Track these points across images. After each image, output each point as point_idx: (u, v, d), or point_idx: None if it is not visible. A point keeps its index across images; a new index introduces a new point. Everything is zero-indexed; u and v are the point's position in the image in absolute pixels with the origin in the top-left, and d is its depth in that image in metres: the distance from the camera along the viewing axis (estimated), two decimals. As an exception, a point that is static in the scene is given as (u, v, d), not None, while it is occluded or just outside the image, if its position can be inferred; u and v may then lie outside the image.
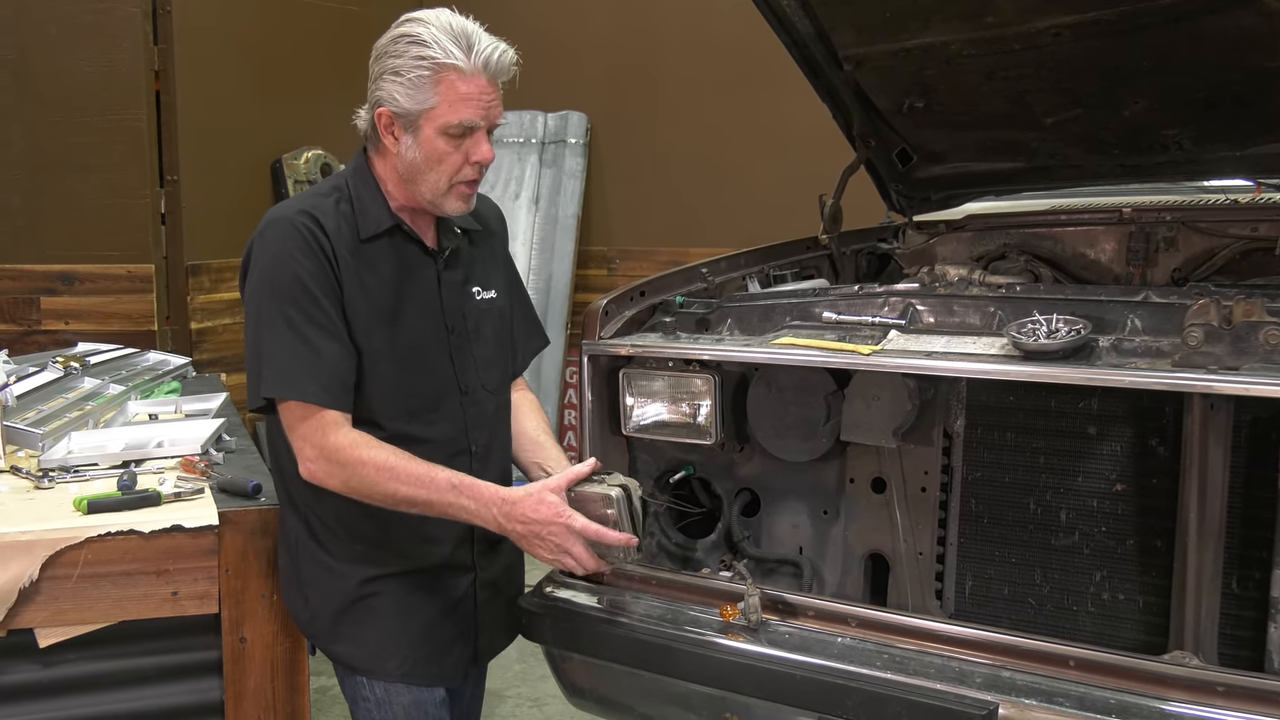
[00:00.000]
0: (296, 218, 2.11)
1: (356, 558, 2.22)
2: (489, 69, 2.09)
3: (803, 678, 2.11)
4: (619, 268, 6.15)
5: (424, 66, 2.06)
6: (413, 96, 2.08)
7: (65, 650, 2.25)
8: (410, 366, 2.20)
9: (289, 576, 2.30)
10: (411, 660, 2.23)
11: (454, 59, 2.06)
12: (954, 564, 2.28)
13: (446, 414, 2.25)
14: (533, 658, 4.09)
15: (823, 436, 2.32)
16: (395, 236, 2.20)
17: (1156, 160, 2.85)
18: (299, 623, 2.32)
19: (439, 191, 2.15)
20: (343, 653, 2.26)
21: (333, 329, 2.10)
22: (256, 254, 2.15)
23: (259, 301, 2.12)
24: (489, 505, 2.09)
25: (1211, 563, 1.98)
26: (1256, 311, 1.90)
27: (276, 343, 2.09)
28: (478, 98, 2.09)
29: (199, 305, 5.10)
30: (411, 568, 2.24)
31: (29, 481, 2.52)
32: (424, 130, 2.11)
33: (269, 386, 2.11)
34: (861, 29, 2.73)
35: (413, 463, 2.10)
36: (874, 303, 2.40)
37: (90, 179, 4.89)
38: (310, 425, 2.10)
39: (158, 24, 4.94)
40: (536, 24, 5.95)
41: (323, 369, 2.09)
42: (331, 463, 2.09)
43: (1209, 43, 2.42)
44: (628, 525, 2.13)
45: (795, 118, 4.61)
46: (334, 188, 2.21)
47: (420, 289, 2.22)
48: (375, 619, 2.23)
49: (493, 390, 2.34)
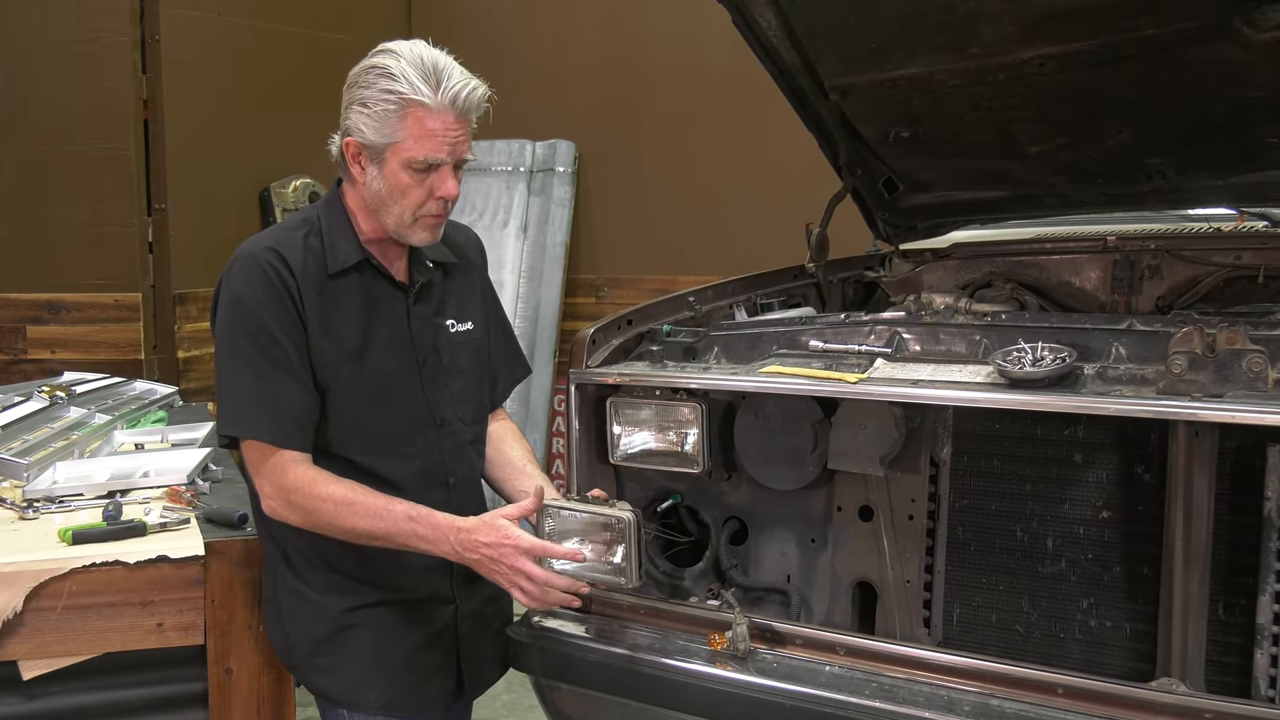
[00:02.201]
0: (262, 255, 2.12)
1: (334, 588, 2.21)
2: (456, 105, 2.09)
3: (791, 706, 2.10)
4: (607, 296, 6.15)
5: (390, 101, 2.07)
6: (378, 130, 2.09)
7: (49, 682, 2.23)
8: (380, 402, 2.20)
9: (270, 607, 2.29)
10: (391, 692, 2.22)
11: (421, 95, 2.06)
12: (941, 592, 2.28)
13: (422, 448, 2.25)
14: (521, 688, 4.05)
15: (810, 465, 2.32)
16: (364, 271, 2.21)
17: (1140, 189, 2.87)
18: (279, 653, 2.31)
19: (403, 223, 2.16)
20: (322, 684, 2.25)
21: (291, 368, 2.11)
22: (224, 290, 2.16)
23: (222, 338, 2.15)
24: (445, 535, 2.09)
25: (1198, 589, 1.98)
26: (1240, 339, 1.91)
27: (235, 381, 2.13)
28: (443, 134, 2.09)
29: (186, 334, 5.09)
30: (390, 599, 2.23)
31: (13, 512, 2.51)
32: (389, 163, 2.11)
33: (226, 424, 2.15)
34: (847, 59, 2.75)
35: (370, 496, 2.10)
36: (860, 331, 2.41)
37: (78, 207, 4.89)
38: (269, 464, 2.12)
39: (146, 53, 4.95)
40: (525, 53, 5.98)
41: (280, 408, 2.10)
42: (289, 502, 2.12)
43: (1191, 73, 2.44)
44: (633, 551, 2.13)
45: (782, 147, 4.62)
46: (304, 220, 2.22)
47: (389, 323, 2.22)
48: (354, 650, 2.22)
49: (469, 422, 2.34)
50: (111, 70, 4.89)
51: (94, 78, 4.87)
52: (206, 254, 5.09)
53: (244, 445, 2.15)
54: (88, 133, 4.88)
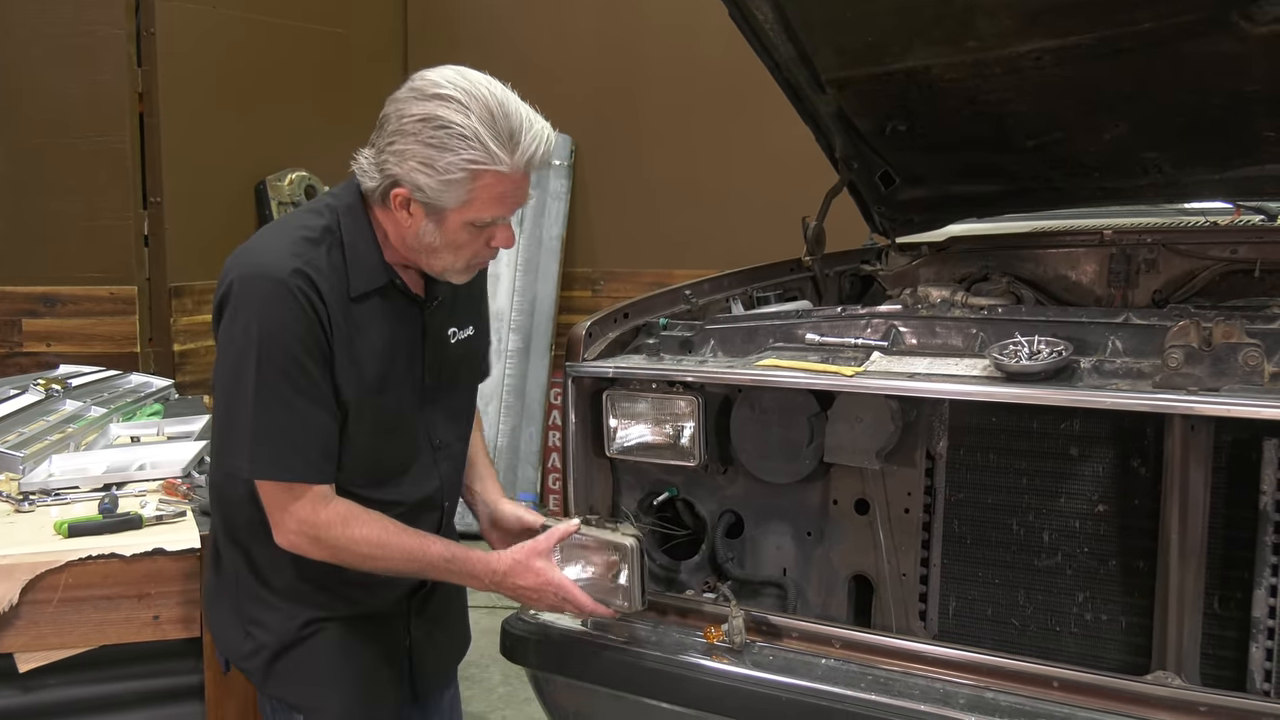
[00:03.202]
0: (291, 280, 1.92)
1: (299, 598, 2.11)
2: (530, 165, 1.95)
3: (787, 699, 2.11)
4: (603, 289, 6.15)
5: (463, 168, 1.90)
6: (443, 194, 1.92)
7: (45, 675, 2.24)
8: (390, 434, 2.10)
9: (228, 611, 2.17)
10: (352, 699, 2.14)
11: (498, 164, 1.90)
12: (937, 585, 2.29)
13: (419, 474, 2.17)
14: (517, 680, 4.07)
15: (806, 458, 2.32)
16: (387, 294, 2.07)
17: (1137, 183, 2.88)
18: (235, 657, 2.18)
19: (450, 270, 2.04)
20: (282, 693, 2.15)
21: (321, 398, 1.98)
22: (242, 311, 1.95)
23: (241, 364, 1.95)
24: (481, 579, 2.10)
25: (1193, 583, 1.99)
26: (1236, 333, 1.92)
27: (265, 418, 1.95)
28: (513, 194, 1.96)
29: (182, 327, 5.08)
30: (356, 613, 2.16)
31: (9, 505, 2.50)
32: (449, 220, 1.96)
33: (260, 469, 1.98)
34: (844, 52, 2.75)
35: (403, 536, 2.03)
36: (857, 324, 2.41)
37: (73, 201, 4.88)
38: (298, 502, 1.98)
39: (141, 46, 4.94)
40: (521, 47, 5.98)
41: (310, 443, 1.97)
42: (317, 539, 2.00)
43: (1188, 67, 2.44)
44: (636, 576, 2.16)
45: (778, 141, 4.62)
46: (325, 230, 2.01)
47: (406, 347, 2.11)
48: (316, 660, 2.12)
49: (464, 439, 2.29)
50: (106, 63, 4.87)
51: (89, 70, 4.85)
52: (202, 247, 5.10)
53: (264, 484, 2.01)
54: (82, 126, 4.86)
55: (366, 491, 2.08)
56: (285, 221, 2.10)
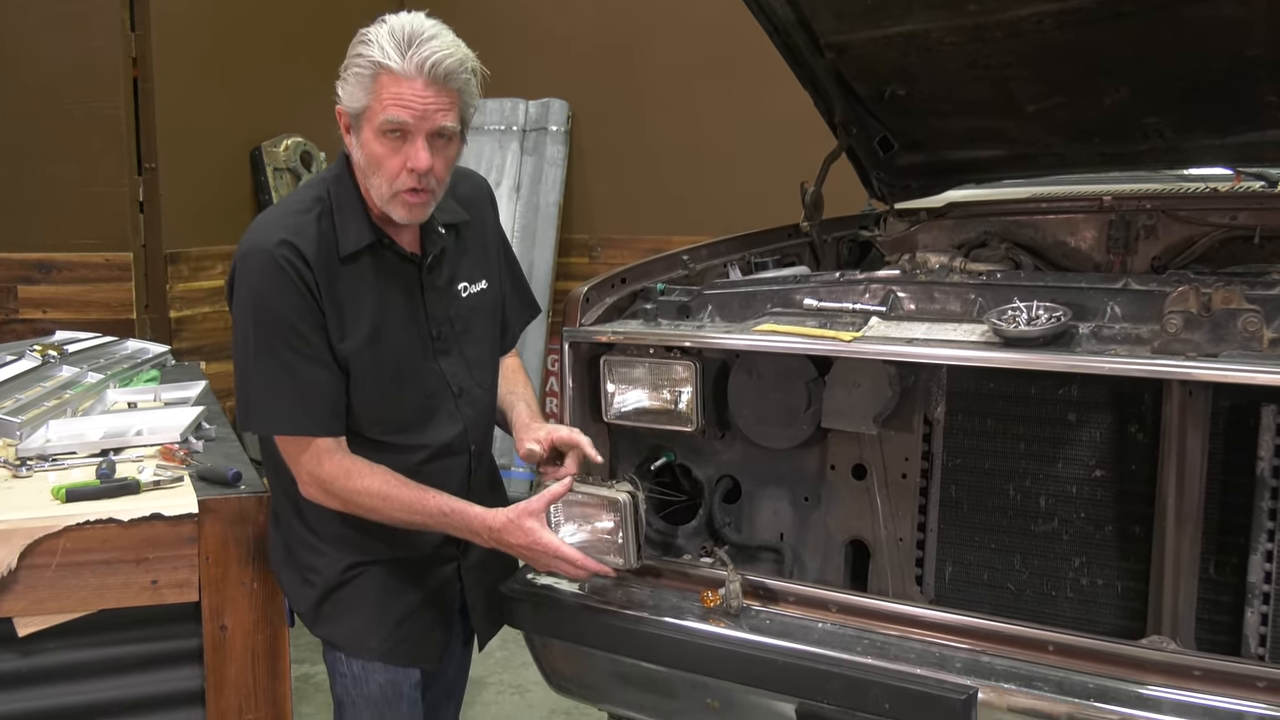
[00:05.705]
0: (277, 250, 2.07)
1: (343, 543, 2.24)
2: (424, 71, 2.02)
3: (784, 663, 2.12)
4: (600, 255, 6.14)
5: (362, 65, 2.04)
6: (353, 95, 2.07)
7: (44, 639, 2.24)
8: (397, 383, 2.20)
9: (282, 557, 2.31)
10: (392, 641, 2.26)
11: (389, 60, 2.02)
12: (934, 550, 2.29)
13: (442, 420, 2.26)
14: (514, 644, 4.05)
15: (804, 423, 2.32)
16: (376, 251, 2.18)
17: (1137, 148, 2.86)
18: (292, 600, 2.34)
19: (384, 198, 2.12)
20: (326, 633, 2.29)
21: (319, 357, 2.12)
22: (240, 283, 2.13)
23: (245, 332, 2.13)
24: (478, 533, 2.18)
25: (1189, 548, 1.99)
26: (1235, 299, 1.91)
27: (265, 378, 2.12)
28: (410, 98, 2.03)
29: (178, 293, 5.07)
30: (397, 555, 2.26)
31: (7, 470, 2.50)
32: (364, 131, 2.09)
33: (259, 422, 2.17)
34: (843, 16, 2.73)
35: (403, 489, 2.15)
36: (855, 290, 2.41)
37: (68, 167, 4.86)
38: (306, 455, 2.14)
39: (135, 11, 4.90)
40: (518, 11, 5.92)
41: (311, 399, 2.12)
42: (326, 490, 2.15)
43: (1190, 31, 2.42)
44: (631, 532, 2.18)
45: (777, 105, 4.60)
46: (316, 199, 2.17)
47: (402, 302, 2.21)
48: (358, 602, 2.25)
49: (488, 386, 2.36)
50: (100, 28, 4.84)
51: (82, 36, 4.82)
52: (197, 213, 5.09)
53: (279, 439, 2.17)
54: (77, 91, 4.84)
55: (391, 438, 2.21)
56: (285, 199, 2.29)
